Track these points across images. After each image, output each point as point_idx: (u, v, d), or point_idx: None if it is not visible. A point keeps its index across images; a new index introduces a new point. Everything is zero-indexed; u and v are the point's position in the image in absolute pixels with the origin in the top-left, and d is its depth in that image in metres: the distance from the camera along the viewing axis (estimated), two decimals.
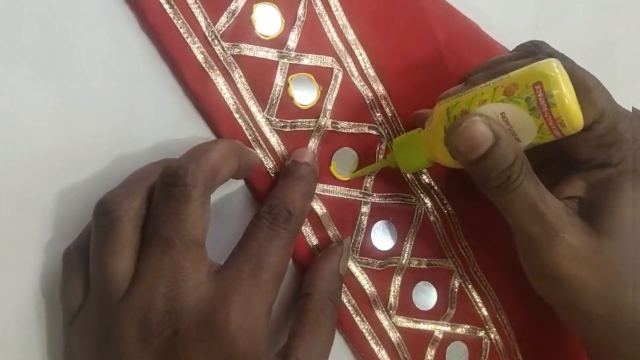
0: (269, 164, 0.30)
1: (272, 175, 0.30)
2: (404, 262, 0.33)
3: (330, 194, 0.32)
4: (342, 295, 0.32)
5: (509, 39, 0.34)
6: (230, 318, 0.23)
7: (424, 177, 0.34)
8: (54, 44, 0.28)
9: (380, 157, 0.33)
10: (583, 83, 0.26)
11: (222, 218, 0.29)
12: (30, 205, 0.27)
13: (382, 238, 0.33)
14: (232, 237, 0.26)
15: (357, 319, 0.32)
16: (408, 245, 0.33)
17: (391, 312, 0.33)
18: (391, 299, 0.33)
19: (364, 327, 0.32)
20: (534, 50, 0.29)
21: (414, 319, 0.33)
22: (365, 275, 0.32)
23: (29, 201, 0.27)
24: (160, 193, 0.24)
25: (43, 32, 0.28)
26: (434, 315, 0.34)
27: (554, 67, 0.24)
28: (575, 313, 0.28)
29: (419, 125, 0.32)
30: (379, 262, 0.33)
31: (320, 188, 0.31)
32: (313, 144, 0.31)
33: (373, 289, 0.32)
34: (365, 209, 0.32)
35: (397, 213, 0.33)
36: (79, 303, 0.25)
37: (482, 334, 0.35)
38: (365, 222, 0.32)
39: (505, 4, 0.36)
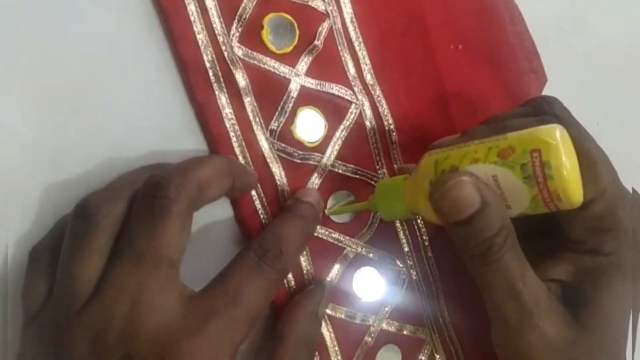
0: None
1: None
2: (325, 161, 0.29)
3: (257, 62, 0.28)
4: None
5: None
6: (189, 351, 0.21)
7: (369, 76, 0.30)
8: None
9: None
10: (588, 155, 0.23)
11: (205, 244, 0.27)
12: (5, 200, 0.25)
13: (307, 128, 0.29)
14: (213, 266, 0.24)
15: (263, 217, 0.28)
16: (335, 144, 0.30)
17: None
18: None
19: None
20: (543, 108, 0.26)
21: (328, 229, 0.30)
22: (279, 166, 0.28)
23: (5, 195, 0.25)
24: (140, 203, 0.22)
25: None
26: (349, 231, 0.30)
27: (556, 135, 0.22)
28: None
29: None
30: (299, 153, 0.29)
31: (247, 54, 0.27)
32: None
33: (285, 182, 0.28)
34: (293, 87, 0.28)
35: (329, 105, 0.29)
36: (39, 305, 0.23)
37: (400, 265, 0.31)
38: (290, 105, 0.28)
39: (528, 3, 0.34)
